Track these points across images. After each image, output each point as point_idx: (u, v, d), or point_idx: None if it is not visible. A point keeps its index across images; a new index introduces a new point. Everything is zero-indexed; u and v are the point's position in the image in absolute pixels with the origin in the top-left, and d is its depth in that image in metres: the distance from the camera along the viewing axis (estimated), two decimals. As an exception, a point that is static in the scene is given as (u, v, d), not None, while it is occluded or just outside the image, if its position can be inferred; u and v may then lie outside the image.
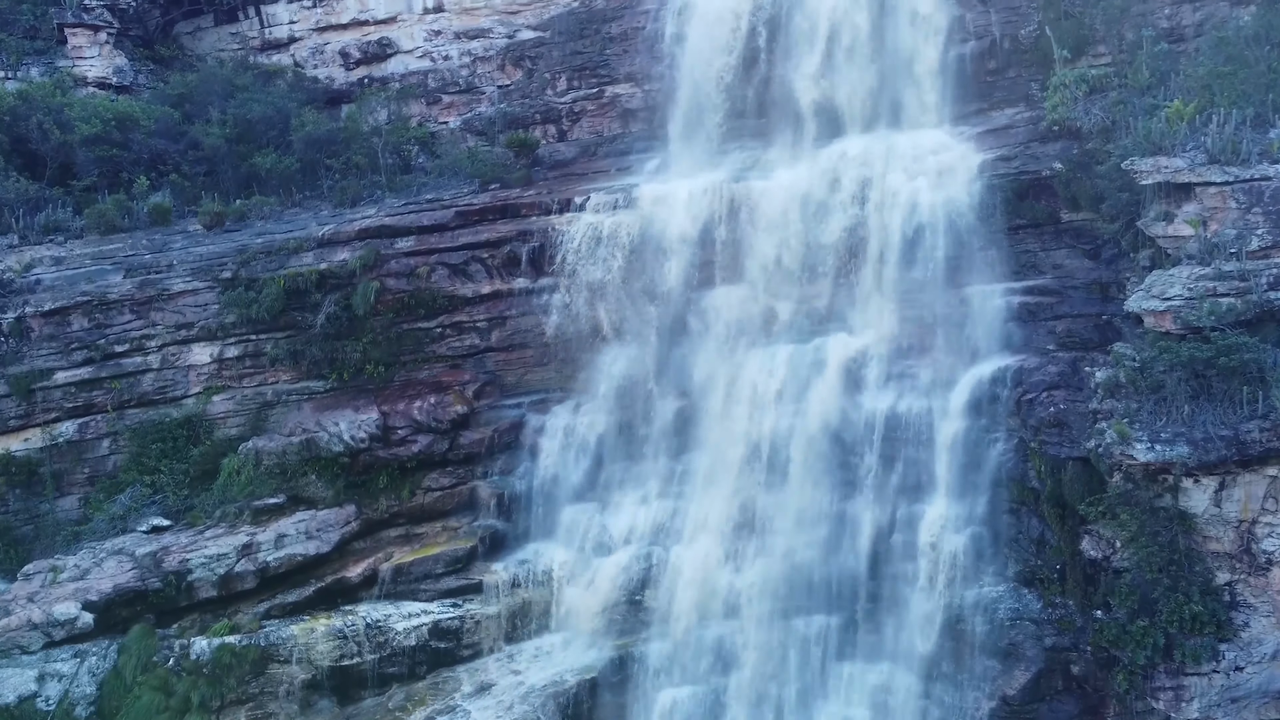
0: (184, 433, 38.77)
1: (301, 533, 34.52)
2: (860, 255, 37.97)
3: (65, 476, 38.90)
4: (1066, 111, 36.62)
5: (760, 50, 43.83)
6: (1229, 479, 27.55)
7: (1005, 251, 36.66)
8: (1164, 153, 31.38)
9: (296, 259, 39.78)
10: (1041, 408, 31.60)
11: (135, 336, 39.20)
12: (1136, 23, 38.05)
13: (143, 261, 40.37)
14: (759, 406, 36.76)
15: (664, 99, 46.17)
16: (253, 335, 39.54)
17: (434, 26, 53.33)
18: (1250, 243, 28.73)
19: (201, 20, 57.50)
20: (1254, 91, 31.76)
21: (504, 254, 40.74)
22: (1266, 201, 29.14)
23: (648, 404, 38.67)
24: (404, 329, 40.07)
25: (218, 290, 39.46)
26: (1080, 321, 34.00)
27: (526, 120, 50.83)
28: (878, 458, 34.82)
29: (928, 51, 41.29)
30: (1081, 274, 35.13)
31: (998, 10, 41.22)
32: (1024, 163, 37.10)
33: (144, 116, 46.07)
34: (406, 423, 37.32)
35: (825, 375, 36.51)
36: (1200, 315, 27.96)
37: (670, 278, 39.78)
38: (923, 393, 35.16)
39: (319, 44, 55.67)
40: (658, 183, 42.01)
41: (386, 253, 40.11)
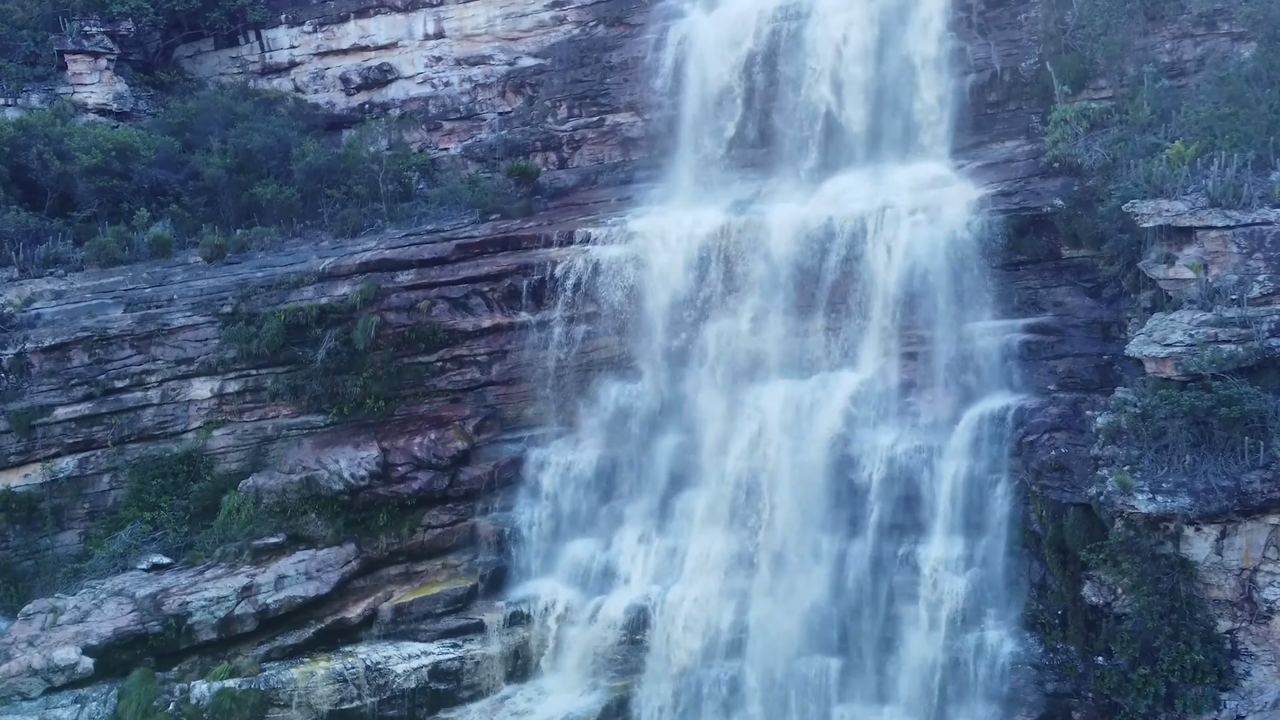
0: (184, 468, 38.72)
1: (301, 573, 34.48)
2: (860, 290, 37.90)
3: (65, 512, 38.86)
4: (1067, 148, 36.57)
5: (760, 81, 43.91)
6: (1230, 527, 27.51)
7: (1005, 288, 36.58)
8: (1165, 195, 31.33)
9: (297, 293, 39.73)
10: (1043, 450, 31.51)
11: (135, 372, 39.15)
12: (1138, 57, 37.98)
13: (143, 295, 40.32)
14: (759, 443, 36.75)
15: (665, 128, 46.23)
16: (253, 370, 39.49)
17: (434, 53, 53.32)
18: (1252, 289, 28.69)
19: (202, 44, 57.52)
20: (1255, 133, 31.71)
21: (504, 287, 40.72)
22: (1268, 246, 29.09)
23: (648, 439, 38.65)
24: (404, 363, 40.02)
25: (218, 325, 39.41)
26: (1081, 361, 33.92)
27: (527, 148, 50.84)
28: (878, 497, 34.79)
29: (928, 84, 41.32)
30: (1082, 312, 35.03)
31: (998, 43, 41.20)
32: (1024, 198, 37.01)
33: (144, 146, 46.04)
34: (407, 459, 37.27)
35: (825, 412, 36.47)
36: (1201, 362, 27.89)
37: (670, 312, 39.76)
38: (924, 431, 35.13)
39: (319, 69, 55.67)
40: (658, 215, 41.97)
41: (387, 286, 40.07)
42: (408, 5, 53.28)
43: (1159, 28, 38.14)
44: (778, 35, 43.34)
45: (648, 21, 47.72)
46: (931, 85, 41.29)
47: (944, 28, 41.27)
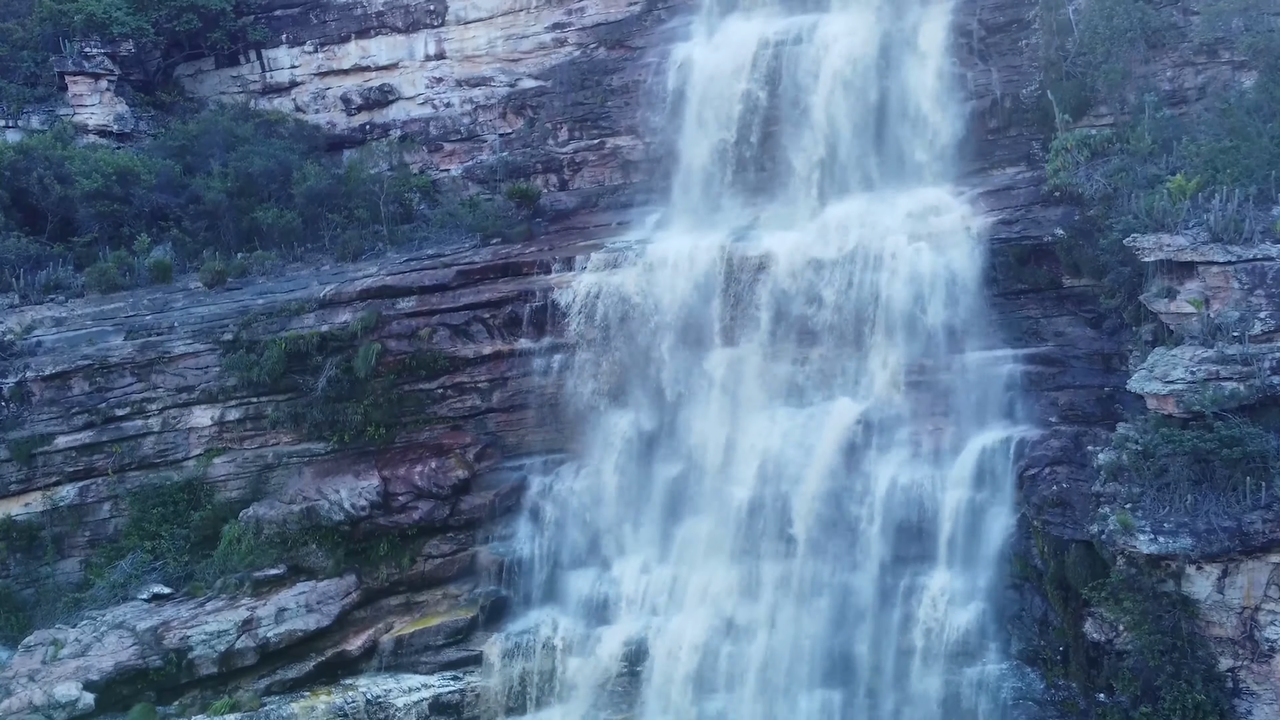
0: (184, 496, 38.77)
1: (302, 606, 34.48)
2: (861, 318, 37.95)
3: (66, 539, 38.92)
4: (1068, 177, 36.56)
5: (761, 106, 43.78)
6: (1232, 566, 27.52)
7: (1006, 317, 36.63)
8: (1166, 229, 31.33)
9: (298, 320, 39.76)
10: (1044, 485, 31.51)
11: (136, 400, 39.20)
12: (1139, 85, 37.95)
13: (144, 323, 40.35)
14: (760, 472, 36.75)
15: (665, 152, 46.15)
16: (253, 398, 39.51)
17: (435, 74, 53.27)
18: (1253, 326, 28.71)
19: (203, 63, 57.47)
20: (1257, 166, 31.70)
21: (505, 314, 40.74)
22: (1269, 283, 29.09)
23: (649, 467, 38.66)
24: (405, 390, 40.02)
25: (219, 353, 39.45)
26: (1082, 394, 33.93)
27: (528, 169, 50.76)
28: (879, 528, 34.83)
29: (929, 110, 41.27)
30: (1083, 343, 35.04)
31: (999, 69, 41.15)
32: (1025, 227, 37.02)
33: (145, 170, 46.03)
34: (407, 489, 37.28)
35: (826, 441, 36.51)
36: (1203, 401, 27.86)
37: (671, 338, 39.77)
38: (925, 461, 35.20)
39: (320, 89, 55.62)
40: (658, 241, 41.98)
41: (388, 314, 40.11)
42: (409, 26, 53.20)
43: (1160, 55, 38.11)
44: (778, 60, 43.25)
45: (648, 45, 47.61)
46: (932, 111, 41.23)
47: (945, 54, 41.22)
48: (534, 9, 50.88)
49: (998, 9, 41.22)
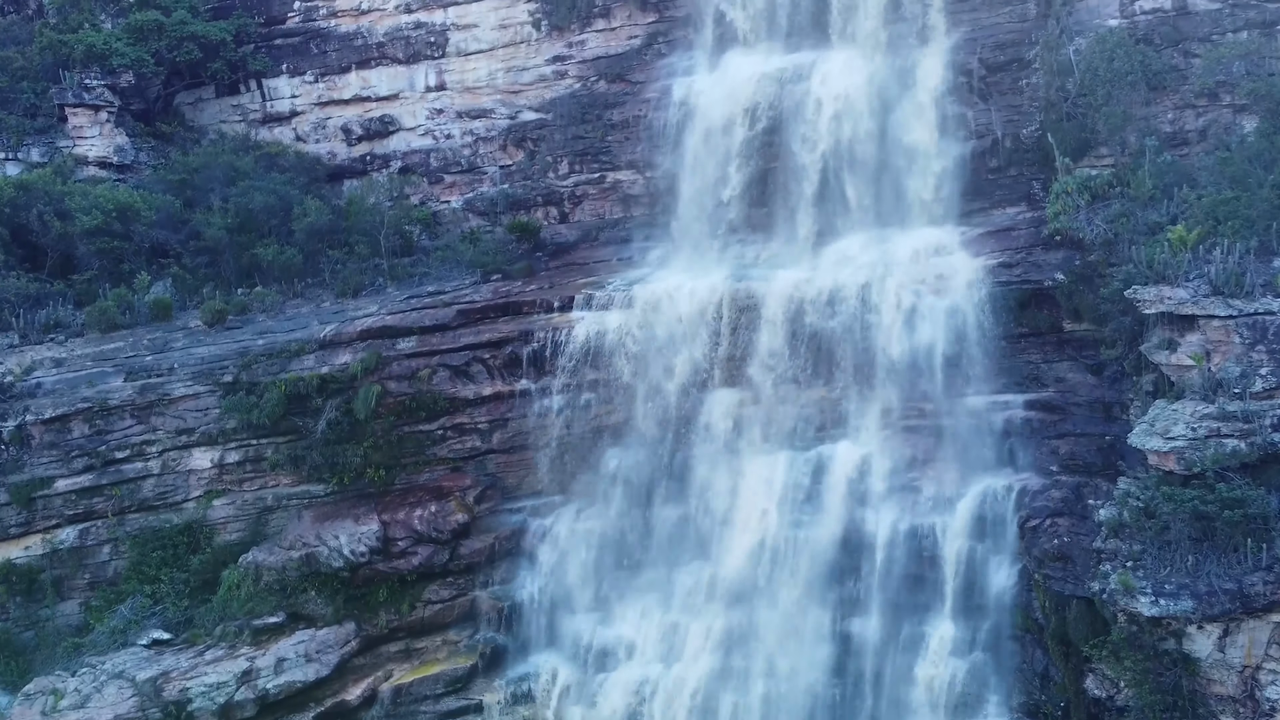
0: (184, 539, 38.73)
1: (301, 655, 34.42)
2: (861, 360, 37.91)
3: (66, 582, 38.88)
4: (1069, 220, 36.53)
5: (761, 143, 43.83)
6: (1233, 625, 27.45)
7: (1007, 361, 36.56)
8: (1167, 281, 31.27)
9: (298, 362, 39.73)
10: (1045, 538, 31.46)
11: (136, 442, 39.16)
12: (1139, 127, 37.94)
13: (144, 364, 40.31)
14: (761, 517, 36.72)
15: (665, 187, 46.22)
16: (253, 440, 39.47)
17: (436, 105, 53.25)
18: (1254, 383, 28.64)
19: (203, 92, 57.49)
20: (1258, 218, 31.64)
21: (506, 355, 40.70)
22: (1270, 339, 29.01)
23: (649, 510, 38.59)
24: (405, 431, 39.97)
25: (219, 394, 39.40)
26: (1083, 442, 33.87)
27: (528, 202, 50.77)
28: (880, 575, 34.78)
29: (929, 149, 41.29)
30: (1084, 390, 34.98)
31: (999, 109, 41.12)
32: (1026, 270, 36.95)
33: (145, 206, 45.99)
34: (407, 533, 37.22)
35: (828, 486, 36.48)
36: (1204, 460, 27.78)
37: (671, 379, 39.77)
38: (926, 508, 35.13)
39: (321, 119, 55.62)
40: (659, 279, 41.96)
41: (388, 354, 40.05)
42: (409, 57, 53.20)
43: (1161, 98, 38.11)
44: (779, 97, 43.24)
45: (649, 79, 47.63)
46: (932, 151, 41.25)
47: (945, 93, 41.24)
48: (534, 41, 50.83)
49: (998, 48, 41.20)
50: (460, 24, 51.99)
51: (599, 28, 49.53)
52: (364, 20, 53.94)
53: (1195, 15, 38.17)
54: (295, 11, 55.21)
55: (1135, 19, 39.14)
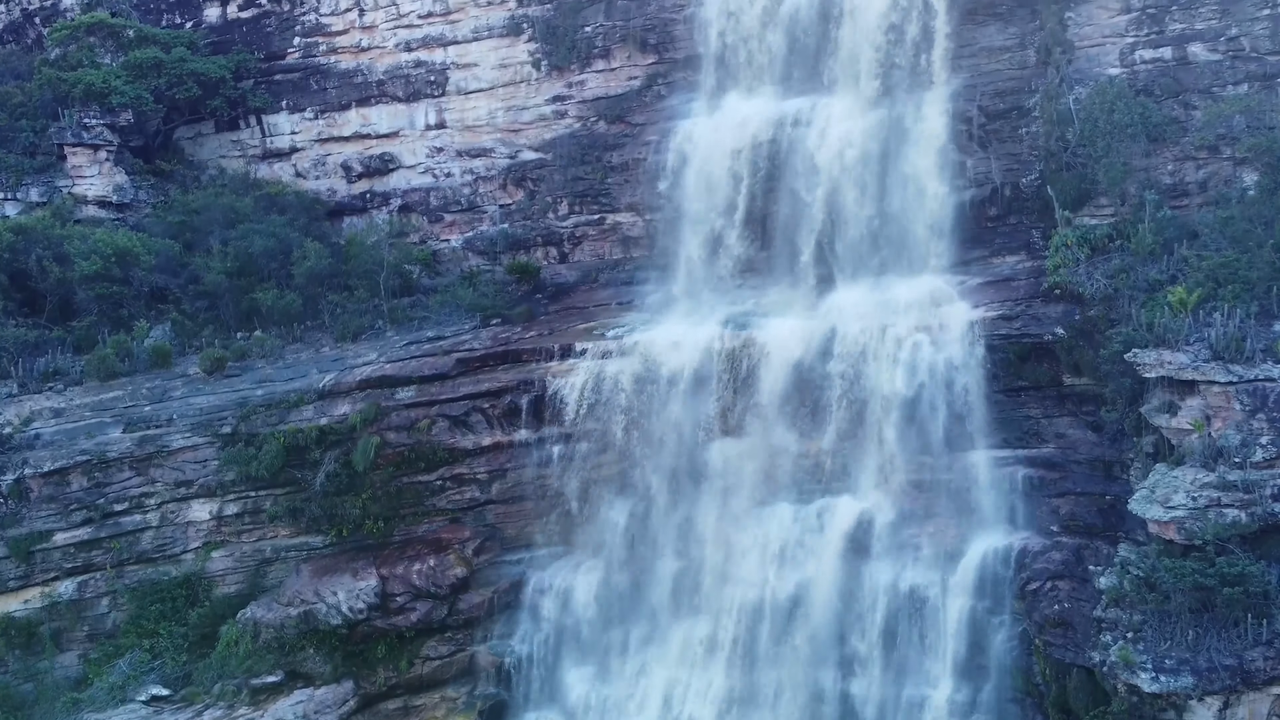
0: (183, 592, 38.72)
1: (299, 716, 34.35)
2: (861, 412, 37.81)
3: (64, 634, 38.82)
4: (1068, 274, 36.47)
5: (761, 188, 43.87)
6: (1234, 698, 27.43)
7: (1007, 415, 36.50)
8: (1167, 345, 31.22)
9: (297, 413, 39.70)
10: (1046, 602, 31.40)
11: (135, 494, 39.17)
12: (1139, 178, 37.86)
13: (142, 414, 40.25)
14: (761, 572, 36.69)
15: (665, 229, 46.15)
16: (252, 492, 39.46)
17: (436, 143, 53.22)
18: (1255, 453, 28.55)
19: (203, 127, 57.55)
20: (1259, 280, 31.58)
21: (505, 404, 40.63)
22: (1270, 407, 28.95)
23: (649, 562, 38.53)
24: (404, 483, 39.94)
25: (217, 446, 39.37)
26: (1084, 502, 33.78)
27: (528, 242, 50.76)
28: (881, 633, 34.75)
29: (928, 196, 41.17)
30: (1084, 448, 34.88)
31: (998, 157, 41.06)
32: (1025, 323, 36.86)
33: (144, 250, 45.94)
34: (405, 588, 37.16)
35: (828, 541, 36.41)
36: (1205, 531, 27.68)
37: (671, 429, 39.67)
38: (926, 566, 35.06)
39: (320, 155, 55.61)
40: (658, 326, 41.93)
41: (387, 404, 40.01)
42: (409, 96, 53.19)
43: (1161, 149, 38.04)
44: (779, 143, 43.21)
45: (648, 122, 47.58)
46: (932, 198, 41.16)
47: (945, 140, 41.15)
48: (534, 81, 50.84)
49: (997, 96, 41.14)
50: (460, 63, 51.95)
51: (599, 68, 49.44)
52: (364, 57, 53.95)
53: (1195, 66, 38.08)
54: (295, 47, 55.21)
55: (1135, 68, 39.05)
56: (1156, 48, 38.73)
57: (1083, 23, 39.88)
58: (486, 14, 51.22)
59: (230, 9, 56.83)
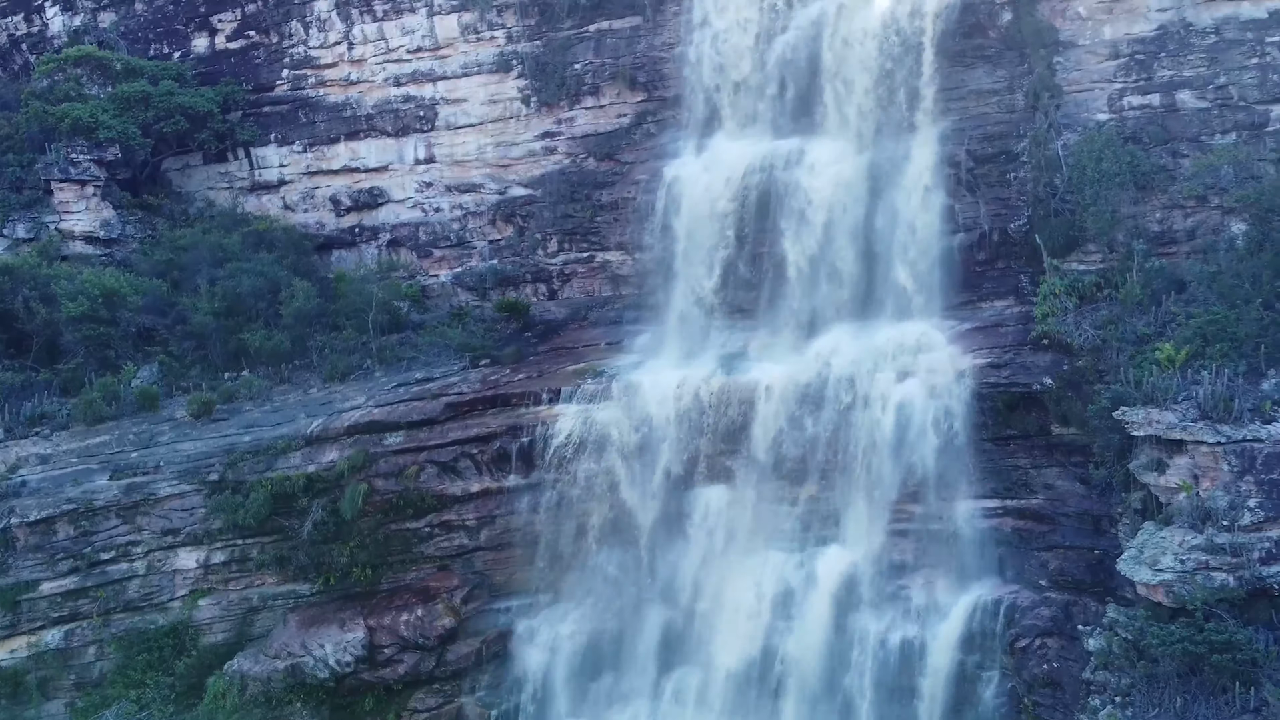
0: (170, 641, 38.62)
1: (287, 773, 34.22)
2: (849, 460, 37.80)
3: (51, 683, 38.67)
4: (1056, 324, 36.48)
5: (750, 229, 43.81)
6: (1222, 763, 27.23)
7: (996, 464, 36.49)
8: (1155, 403, 31.14)
9: (284, 460, 39.55)
10: (1035, 661, 31.44)
11: (121, 543, 39.01)
12: (1127, 226, 37.85)
13: (129, 461, 40.09)
14: (749, 622, 36.66)
15: (654, 269, 46.07)
16: (239, 540, 39.32)
17: (425, 178, 53.11)
18: (1243, 516, 28.51)
19: (190, 158, 57.37)
20: (1247, 337, 31.55)
21: (494, 450, 40.56)
22: (1259, 469, 28.91)
23: (637, 611, 38.53)
24: (392, 530, 39.85)
25: (204, 494, 39.23)
26: (1072, 556, 33.82)
27: (517, 279, 50.71)
28: (870, 688, 34.68)
29: (917, 241, 41.12)
30: (1073, 500, 34.87)
31: (987, 202, 41.05)
32: (1014, 372, 36.83)
33: (131, 291, 45.71)
34: (393, 640, 37.08)
35: (817, 592, 36.46)
36: (1193, 595, 27.67)
37: (659, 475, 39.67)
38: (915, 618, 35.10)
39: (309, 188, 55.49)
40: (647, 370, 41.88)
41: (375, 451, 39.89)
42: (398, 130, 53.06)
43: (1149, 197, 38.07)
44: (768, 184, 43.19)
45: (638, 160, 47.54)
46: (920, 242, 41.10)
47: (933, 184, 41.09)
48: (524, 117, 50.74)
49: (986, 140, 41.13)
50: (450, 98, 51.84)
51: (588, 105, 49.37)
52: (353, 91, 53.82)
53: (1184, 114, 38.12)
54: (284, 80, 55.09)
55: (1124, 114, 39.09)
56: (1145, 94, 38.67)
57: (1071, 67, 39.79)
58: (476, 50, 51.02)
59: (218, 40, 56.65)
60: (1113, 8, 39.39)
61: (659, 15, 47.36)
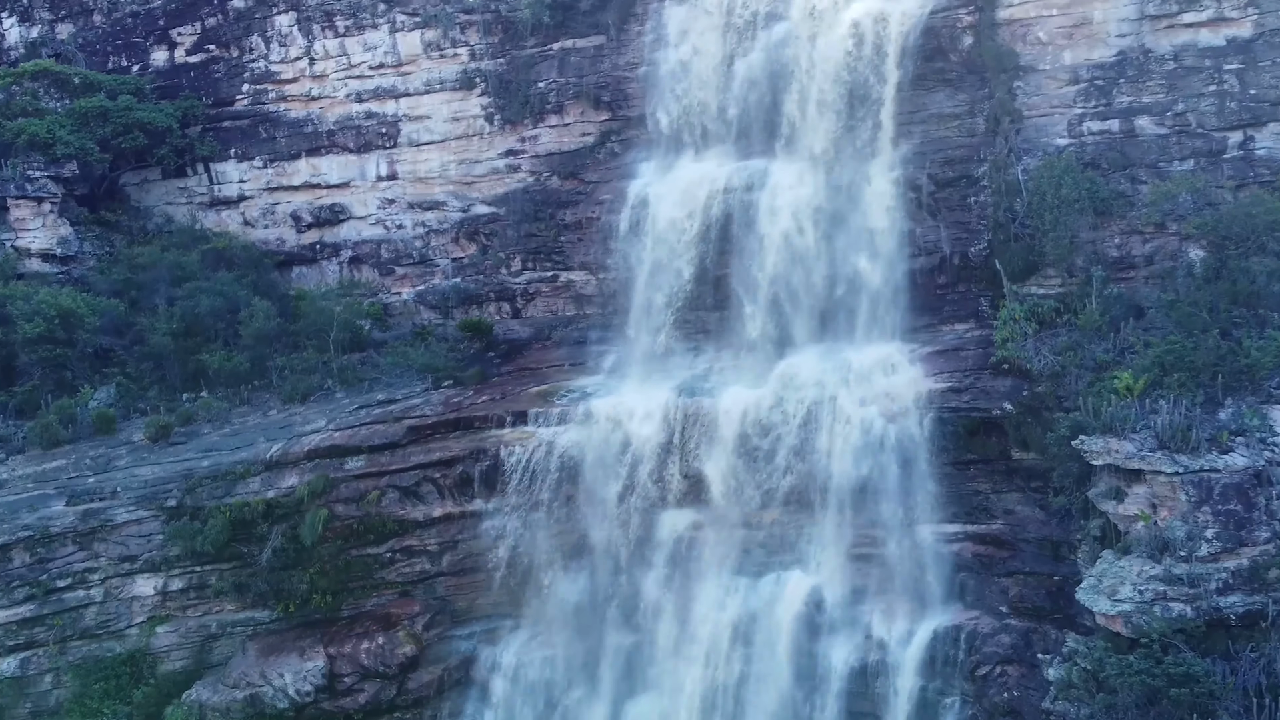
0: (127, 670, 38.14)
1: (246, 805, 33.86)
2: (812, 484, 37.87)
3: (7, 712, 38.03)
4: (1016, 349, 36.68)
5: (714, 251, 43.81)
6: (1181, 794, 27.43)
7: (956, 489, 36.62)
8: (1114, 432, 31.34)
9: (243, 485, 39.17)
10: (996, 689, 31.63)
11: (78, 570, 38.48)
12: (1086, 251, 38.08)
13: (86, 486, 39.59)
14: (713, 648, 36.62)
15: (618, 289, 46.05)
16: (197, 567, 38.90)
17: (387, 194, 52.79)
18: (1200, 547, 28.73)
19: (149, 173, 56.72)
20: (1204, 365, 31.79)
21: (457, 474, 40.37)
22: (1216, 499, 29.16)
23: (601, 636, 38.41)
24: (352, 555, 39.57)
25: (162, 520, 38.78)
26: (1032, 583, 34.00)
27: (481, 297, 50.51)
28: (835, 713, 34.81)
29: (878, 265, 41.32)
30: (1033, 526, 35.06)
31: (947, 225, 41.24)
32: (974, 397, 36.99)
33: (88, 311, 45.13)
34: (353, 668, 36.80)
35: (780, 617, 36.48)
36: (1151, 624, 27.87)
37: (623, 498, 39.55)
38: (877, 644, 35.26)
39: (269, 204, 55.03)
40: (611, 392, 41.87)
41: (336, 475, 39.59)
42: (360, 147, 52.73)
43: (1108, 223, 38.33)
44: (731, 206, 43.23)
45: (601, 180, 47.48)
46: (882, 264, 41.27)
47: (894, 208, 41.26)
48: (487, 135, 50.58)
49: (946, 164, 41.32)
50: (412, 115, 51.57)
51: (552, 123, 49.27)
52: (314, 107, 53.45)
53: (1143, 140, 38.42)
54: (244, 94, 54.63)
55: (1084, 140, 39.35)
56: (1104, 120, 38.94)
57: (1031, 92, 40.02)
58: (439, 66, 50.77)
59: (178, 54, 56.14)
60: (1073, 33, 39.55)
61: (623, 35, 47.27)
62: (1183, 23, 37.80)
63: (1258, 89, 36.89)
